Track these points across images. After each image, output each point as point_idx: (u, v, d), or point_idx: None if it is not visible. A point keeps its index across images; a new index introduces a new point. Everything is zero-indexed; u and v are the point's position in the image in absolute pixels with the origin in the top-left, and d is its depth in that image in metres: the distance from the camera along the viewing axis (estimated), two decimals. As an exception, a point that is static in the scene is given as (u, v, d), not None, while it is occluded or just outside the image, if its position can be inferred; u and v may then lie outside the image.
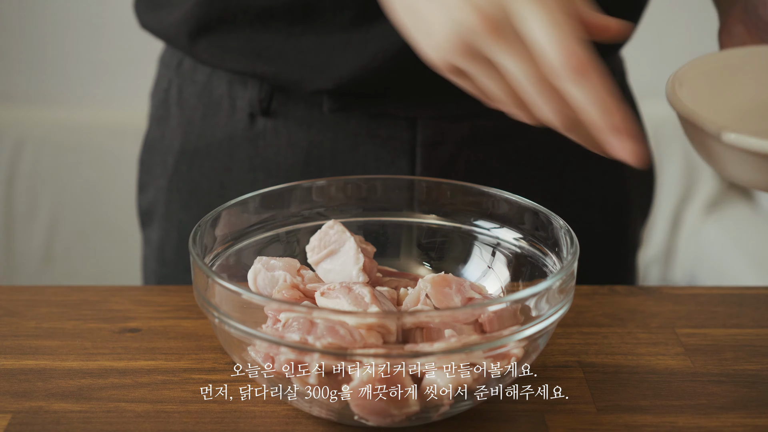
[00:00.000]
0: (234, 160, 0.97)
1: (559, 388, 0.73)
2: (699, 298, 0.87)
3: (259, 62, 0.92)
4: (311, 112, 0.95)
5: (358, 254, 0.77)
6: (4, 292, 0.88)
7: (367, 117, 0.94)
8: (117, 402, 0.71)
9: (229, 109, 0.97)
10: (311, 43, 0.91)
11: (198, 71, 0.99)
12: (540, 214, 0.76)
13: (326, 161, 0.95)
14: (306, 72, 0.91)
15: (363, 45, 0.89)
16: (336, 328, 0.64)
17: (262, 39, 0.92)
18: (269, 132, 0.96)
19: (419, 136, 0.94)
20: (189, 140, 1.00)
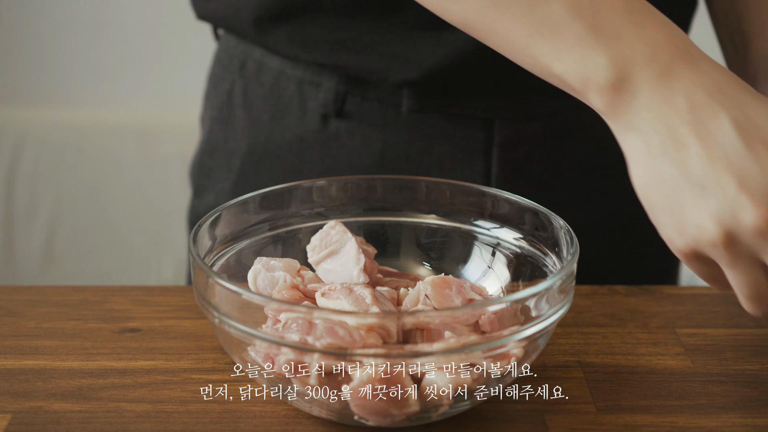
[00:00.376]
0: (304, 162, 0.97)
1: (559, 388, 0.73)
2: (699, 298, 0.87)
3: (344, 53, 0.91)
4: (386, 112, 0.94)
5: (359, 255, 0.77)
6: (4, 292, 0.88)
7: (443, 118, 0.94)
8: (117, 402, 0.71)
9: (299, 110, 0.96)
10: (398, 36, 0.90)
11: (264, 72, 0.98)
12: (540, 214, 0.76)
13: (401, 162, 0.95)
14: (392, 62, 0.90)
15: (452, 39, 0.88)
16: (336, 328, 0.64)
17: (348, 29, 0.90)
18: (342, 133, 0.95)
19: (496, 136, 0.94)
20: (257, 142, 0.99)
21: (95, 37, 2.24)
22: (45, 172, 2.18)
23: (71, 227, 2.20)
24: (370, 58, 0.91)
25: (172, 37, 2.23)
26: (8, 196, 2.18)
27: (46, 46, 2.25)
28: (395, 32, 0.90)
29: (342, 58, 0.92)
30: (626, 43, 0.66)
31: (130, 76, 2.26)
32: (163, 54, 2.24)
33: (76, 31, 2.23)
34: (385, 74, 0.91)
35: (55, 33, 2.24)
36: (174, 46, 2.23)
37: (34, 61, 2.25)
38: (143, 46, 2.23)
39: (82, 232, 2.20)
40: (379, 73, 0.91)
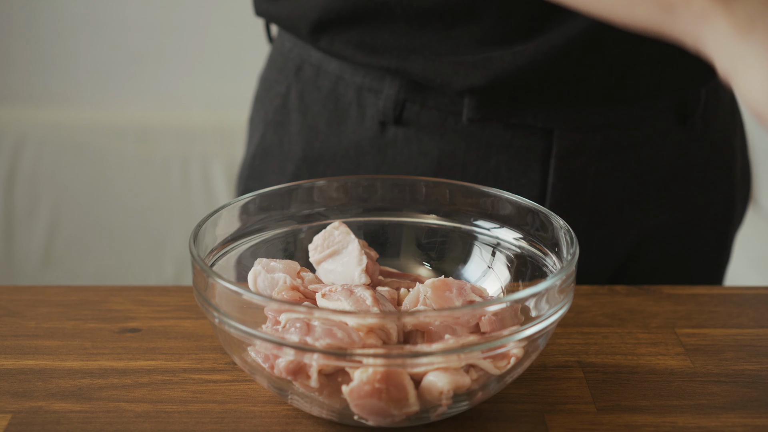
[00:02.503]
0: (360, 168, 0.96)
1: (559, 388, 0.73)
2: (699, 298, 0.87)
3: (411, 59, 0.91)
4: (445, 121, 0.93)
5: (362, 256, 0.77)
6: (4, 292, 0.88)
7: (502, 127, 0.93)
8: (117, 402, 0.71)
9: (357, 116, 0.95)
10: (467, 47, 0.89)
11: (321, 77, 0.97)
12: (540, 214, 0.76)
13: (457, 171, 0.94)
14: (459, 68, 0.90)
15: (522, 50, 0.88)
16: (336, 328, 0.64)
17: (418, 37, 0.90)
18: (400, 140, 0.95)
19: (555, 146, 0.93)
20: (312, 147, 0.98)
21: (95, 37, 2.24)
22: (45, 172, 2.18)
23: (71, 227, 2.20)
24: (437, 65, 0.90)
25: (172, 37, 2.23)
26: (8, 196, 2.18)
27: (46, 46, 2.25)
28: (465, 44, 0.89)
29: (409, 64, 0.91)
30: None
31: (130, 76, 2.26)
32: (163, 54, 2.24)
33: (76, 31, 2.24)
34: (450, 79, 0.90)
35: (55, 33, 2.24)
36: (174, 46, 2.23)
37: (34, 61, 2.26)
38: (143, 46, 2.23)
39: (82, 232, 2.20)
40: (444, 77, 0.90)
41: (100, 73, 2.26)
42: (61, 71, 2.27)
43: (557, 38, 0.87)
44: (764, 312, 0.85)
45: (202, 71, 2.24)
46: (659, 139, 0.97)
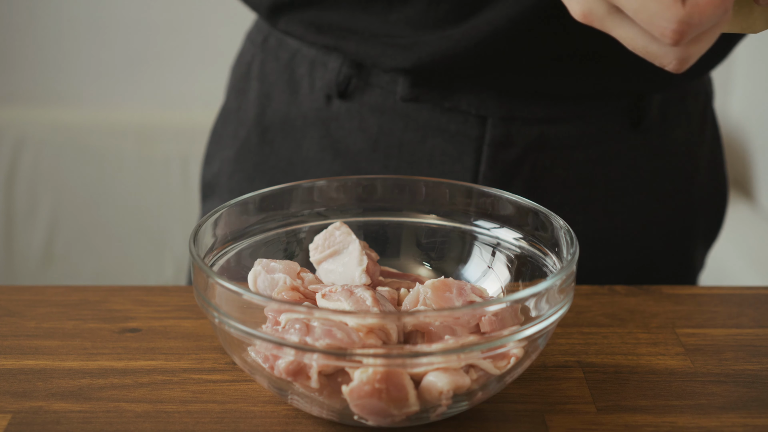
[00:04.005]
0: (305, 138, 0.99)
1: (559, 388, 0.73)
2: (699, 298, 0.87)
3: (351, 39, 0.93)
4: (385, 99, 0.95)
5: (363, 256, 0.77)
6: (4, 292, 0.88)
7: (439, 110, 0.95)
8: (117, 402, 0.71)
9: (308, 88, 0.98)
10: (404, 30, 0.91)
11: (282, 48, 1.00)
12: (540, 214, 0.76)
13: (393, 150, 0.96)
14: (388, 48, 0.92)
15: (450, 32, 0.89)
16: (336, 329, 0.64)
17: (360, 19, 0.92)
18: (342, 115, 0.97)
19: (488, 134, 0.94)
20: (264, 114, 1.01)
21: (95, 37, 2.24)
22: (45, 172, 2.18)
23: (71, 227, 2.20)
24: (370, 46, 0.93)
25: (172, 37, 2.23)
26: (8, 196, 2.18)
27: (46, 46, 2.25)
28: (401, 27, 0.92)
29: (346, 43, 0.94)
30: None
31: (130, 76, 2.26)
32: (163, 54, 2.24)
33: (76, 31, 2.24)
34: (380, 60, 0.93)
35: (55, 33, 2.24)
36: (174, 46, 2.24)
37: (34, 61, 2.26)
38: (143, 46, 2.23)
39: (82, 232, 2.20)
40: (375, 58, 0.93)
41: (100, 73, 2.26)
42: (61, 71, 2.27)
43: (484, 26, 0.88)
44: (764, 312, 0.85)
45: (202, 71, 2.24)
46: (608, 141, 0.96)
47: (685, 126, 1.01)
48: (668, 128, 0.99)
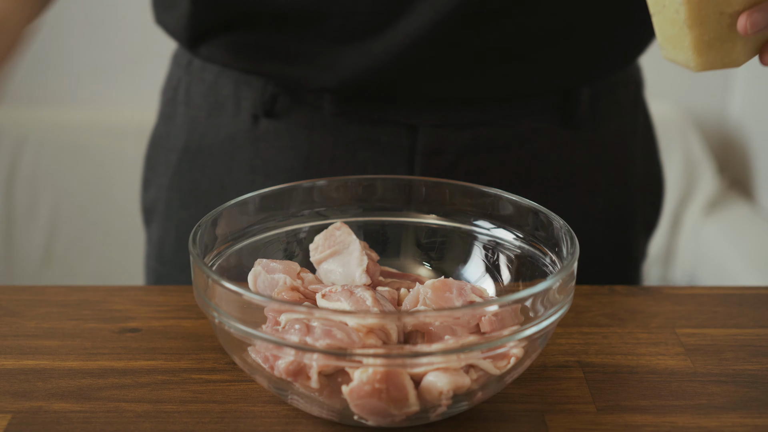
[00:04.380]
0: (235, 160, 0.97)
1: (559, 388, 0.73)
2: (699, 298, 0.87)
3: (269, 61, 0.93)
4: (313, 115, 0.95)
5: (363, 256, 0.77)
6: (4, 292, 0.88)
7: (368, 123, 0.94)
8: (117, 402, 0.71)
9: (233, 109, 0.97)
10: (322, 47, 0.91)
11: (207, 70, 0.99)
12: (540, 214, 0.76)
13: (325, 165, 0.95)
14: (310, 70, 0.91)
15: (369, 47, 0.89)
16: (336, 329, 0.64)
17: (277, 40, 0.92)
18: (271, 134, 0.96)
19: (419, 143, 0.94)
20: (192, 139, 1.00)
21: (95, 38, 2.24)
22: (45, 172, 2.18)
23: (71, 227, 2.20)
24: (294, 66, 0.92)
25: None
26: (8, 196, 2.18)
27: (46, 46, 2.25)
28: (319, 43, 0.91)
29: (268, 66, 0.93)
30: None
31: (130, 76, 2.26)
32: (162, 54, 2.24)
33: (76, 31, 2.24)
34: (304, 81, 0.93)
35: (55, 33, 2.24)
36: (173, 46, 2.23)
37: (34, 61, 2.26)
38: (143, 46, 2.23)
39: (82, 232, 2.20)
40: (299, 80, 0.93)
41: (99, 73, 2.26)
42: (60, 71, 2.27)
43: (402, 38, 0.88)
44: (764, 312, 0.85)
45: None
46: (541, 139, 0.97)
47: (617, 118, 1.01)
48: (600, 121, 0.99)
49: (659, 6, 0.69)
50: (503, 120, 0.94)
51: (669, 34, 0.70)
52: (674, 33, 0.70)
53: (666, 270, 2.31)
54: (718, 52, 0.70)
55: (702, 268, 2.24)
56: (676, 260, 2.30)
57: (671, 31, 0.70)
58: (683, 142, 2.31)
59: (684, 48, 0.70)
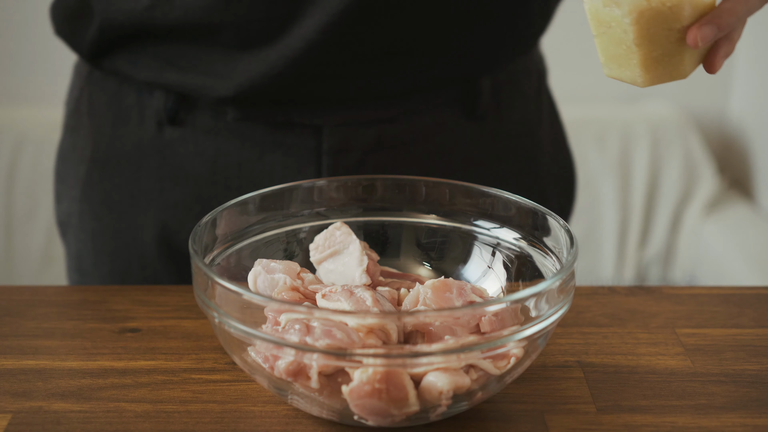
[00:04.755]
0: (142, 169, 0.97)
1: (559, 388, 0.73)
2: (699, 298, 0.87)
3: (166, 72, 0.93)
4: (217, 121, 0.95)
5: (363, 256, 0.77)
6: (4, 292, 0.88)
7: (273, 126, 0.94)
8: (117, 402, 0.71)
9: (137, 118, 0.97)
10: (217, 55, 0.91)
11: (108, 80, 0.99)
12: (540, 214, 0.76)
13: (233, 170, 0.95)
14: (207, 79, 0.92)
15: (265, 54, 0.90)
16: (336, 329, 0.64)
17: (170, 52, 0.92)
18: (176, 141, 0.96)
19: (325, 143, 0.94)
20: (99, 149, 0.99)
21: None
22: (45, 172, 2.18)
23: (71, 227, 2.19)
24: (190, 76, 0.92)
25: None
26: (8, 196, 2.18)
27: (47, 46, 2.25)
28: (216, 52, 0.91)
29: (167, 76, 0.93)
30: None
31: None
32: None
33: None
34: (203, 91, 0.92)
35: (55, 33, 2.23)
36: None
37: (33, 61, 2.25)
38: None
39: (82, 232, 2.20)
40: (198, 90, 0.93)
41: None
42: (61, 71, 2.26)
43: (296, 42, 0.88)
44: (764, 312, 0.85)
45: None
46: (446, 132, 0.97)
47: (521, 107, 1.02)
48: (504, 111, 1.00)
49: (603, 27, 0.69)
50: (407, 115, 0.95)
51: (614, 53, 0.70)
52: (620, 52, 0.70)
53: (666, 270, 2.32)
54: (666, 66, 0.70)
55: (702, 268, 2.24)
56: (676, 260, 2.30)
57: (617, 50, 0.70)
58: (683, 142, 2.31)
59: (631, 66, 0.70)
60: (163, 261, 0.98)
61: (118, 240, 0.99)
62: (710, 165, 2.31)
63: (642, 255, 2.31)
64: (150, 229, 0.97)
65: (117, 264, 1.00)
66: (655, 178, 2.31)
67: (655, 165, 2.31)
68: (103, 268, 1.00)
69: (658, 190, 2.31)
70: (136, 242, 0.98)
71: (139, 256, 0.99)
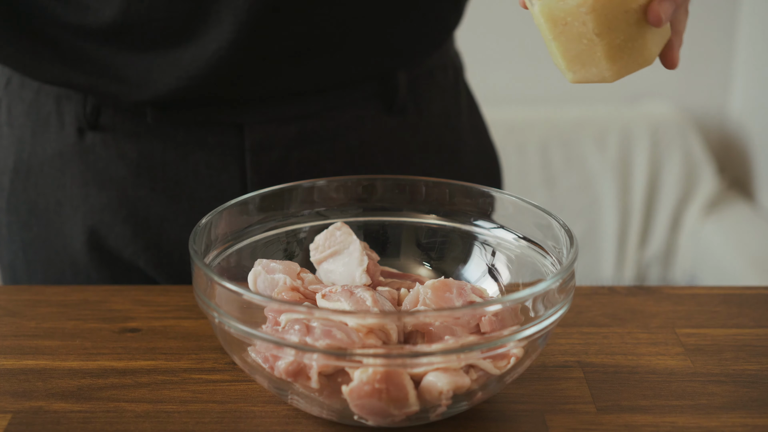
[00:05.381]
0: (66, 176, 0.97)
1: (559, 388, 0.73)
2: (699, 298, 0.87)
3: (75, 74, 0.92)
4: (138, 123, 0.94)
5: (363, 256, 0.77)
6: (4, 292, 0.88)
7: (194, 125, 0.94)
8: (117, 402, 0.71)
9: (57, 125, 0.96)
10: (126, 59, 0.91)
11: (26, 88, 0.98)
12: (540, 214, 0.76)
13: (157, 171, 0.95)
14: (122, 86, 0.91)
15: (177, 57, 0.89)
16: (336, 329, 0.64)
17: (76, 52, 0.91)
18: (98, 145, 0.96)
19: (247, 141, 0.94)
20: (21, 159, 0.99)
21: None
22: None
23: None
24: (102, 81, 0.92)
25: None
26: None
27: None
28: (125, 55, 0.91)
29: (74, 80, 0.92)
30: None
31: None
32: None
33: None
34: (118, 97, 0.92)
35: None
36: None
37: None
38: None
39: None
40: (113, 96, 0.92)
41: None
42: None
43: (209, 43, 0.88)
44: (764, 312, 0.85)
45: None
46: (365, 127, 0.98)
47: (439, 100, 1.03)
48: (423, 104, 1.01)
49: (559, 26, 0.69)
50: (327, 111, 0.96)
51: (576, 52, 0.69)
52: (582, 48, 0.69)
53: (666, 270, 2.32)
54: (630, 53, 0.69)
55: (702, 268, 2.25)
56: (676, 260, 2.30)
57: (578, 47, 0.69)
58: (683, 142, 2.31)
59: (596, 60, 0.69)
60: (95, 266, 0.98)
61: (48, 248, 0.99)
62: (710, 165, 2.32)
63: (642, 255, 2.31)
64: (79, 235, 0.97)
65: (50, 272, 1.00)
66: (655, 178, 2.31)
67: (655, 165, 2.31)
68: (36, 276, 1.00)
69: (658, 190, 2.31)
70: (67, 249, 0.98)
71: (71, 263, 0.98)
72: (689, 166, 2.31)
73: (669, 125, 2.31)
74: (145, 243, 0.96)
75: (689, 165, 2.31)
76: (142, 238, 0.96)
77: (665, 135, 2.31)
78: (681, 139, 2.31)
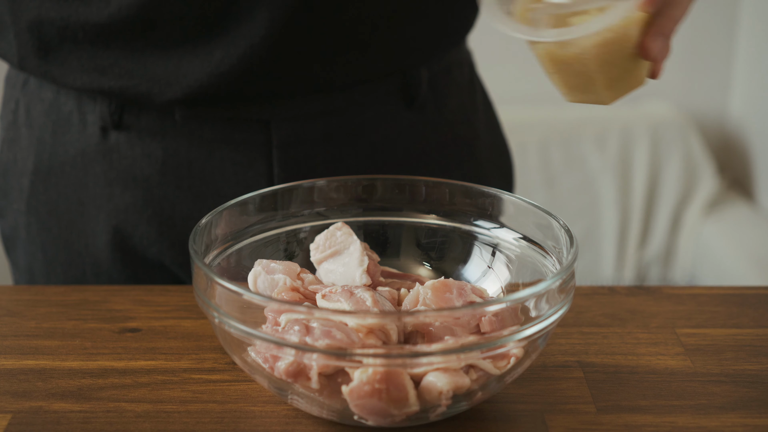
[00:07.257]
0: (89, 175, 0.96)
1: (559, 388, 0.73)
2: (699, 298, 0.87)
3: (104, 79, 0.92)
4: (164, 121, 0.94)
5: (363, 257, 0.77)
6: (4, 292, 0.88)
7: (221, 122, 0.94)
8: (117, 402, 0.71)
9: (79, 124, 0.96)
10: (155, 57, 0.90)
11: (45, 89, 0.98)
12: (540, 214, 0.76)
13: (183, 170, 0.95)
14: (153, 85, 0.91)
15: (208, 53, 0.89)
16: (336, 329, 0.64)
17: (105, 56, 0.91)
18: (123, 144, 0.95)
19: (273, 137, 0.94)
20: (42, 160, 0.98)
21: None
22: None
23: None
24: (132, 82, 0.91)
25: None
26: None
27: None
28: (152, 54, 0.90)
29: (104, 84, 0.92)
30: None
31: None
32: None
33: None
34: (148, 97, 0.92)
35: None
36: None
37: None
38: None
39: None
40: (143, 96, 0.92)
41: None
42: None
43: (240, 40, 0.88)
44: (764, 312, 0.85)
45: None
46: (388, 123, 0.99)
47: (456, 96, 1.04)
48: (441, 101, 1.02)
49: (559, 65, 0.72)
50: (351, 107, 0.96)
51: (574, 84, 0.73)
52: (581, 82, 0.72)
53: (666, 270, 2.32)
54: (626, 80, 0.73)
55: (702, 268, 2.25)
56: (676, 260, 2.30)
57: (576, 81, 0.72)
58: (683, 142, 2.31)
59: (594, 89, 0.73)
60: (118, 267, 0.97)
61: (70, 249, 0.99)
62: (710, 165, 2.32)
63: (642, 255, 2.31)
64: (102, 235, 0.97)
65: (71, 274, 0.99)
66: (655, 178, 2.31)
67: (655, 165, 2.31)
68: (56, 279, 1.00)
69: (658, 190, 2.31)
70: (89, 250, 0.98)
71: (93, 263, 0.98)
72: (689, 166, 2.31)
73: (669, 125, 2.31)
74: (170, 242, 0.96)
75: (689, 165, 2.31)
76: (168, 237, 0.96)
77: (665, 135, 2.31)
78: (681, 139, 2.31)
